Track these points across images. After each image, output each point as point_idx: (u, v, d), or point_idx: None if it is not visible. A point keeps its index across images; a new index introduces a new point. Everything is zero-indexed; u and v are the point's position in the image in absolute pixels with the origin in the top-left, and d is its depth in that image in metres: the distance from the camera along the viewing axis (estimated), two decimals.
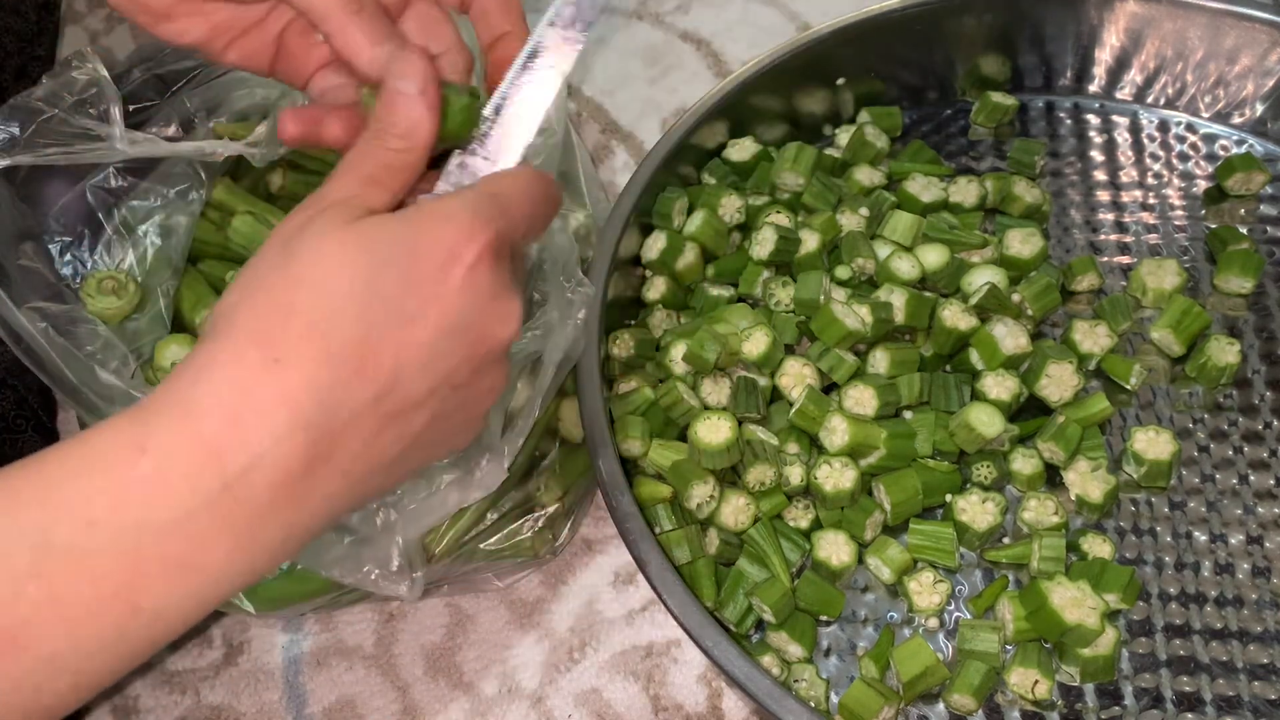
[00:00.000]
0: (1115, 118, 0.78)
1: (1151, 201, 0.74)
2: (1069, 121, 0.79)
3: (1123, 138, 0.77)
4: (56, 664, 0.34)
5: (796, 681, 0.57)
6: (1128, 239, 0.73)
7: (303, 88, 0.52)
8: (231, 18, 0.49)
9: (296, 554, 0.40)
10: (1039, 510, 0.61)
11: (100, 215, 0.69)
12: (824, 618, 0.60)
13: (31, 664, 0.34)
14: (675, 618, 0.54)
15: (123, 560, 0.34)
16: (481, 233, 0.40)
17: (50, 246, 0.68)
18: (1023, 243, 0.69)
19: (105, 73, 0.65)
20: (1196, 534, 0.61)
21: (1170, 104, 0.78)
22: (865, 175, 0.73)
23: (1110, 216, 0.74)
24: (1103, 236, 0.73)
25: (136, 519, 0.35)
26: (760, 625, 0.59)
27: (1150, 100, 0.78)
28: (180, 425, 0.36)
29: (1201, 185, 0.74)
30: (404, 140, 0.42)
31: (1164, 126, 0.77)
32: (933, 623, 0.59)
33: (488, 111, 0.46)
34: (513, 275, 0.43)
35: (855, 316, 0.64)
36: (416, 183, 0.44)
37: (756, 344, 0.64)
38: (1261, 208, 0.73)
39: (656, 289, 0.69)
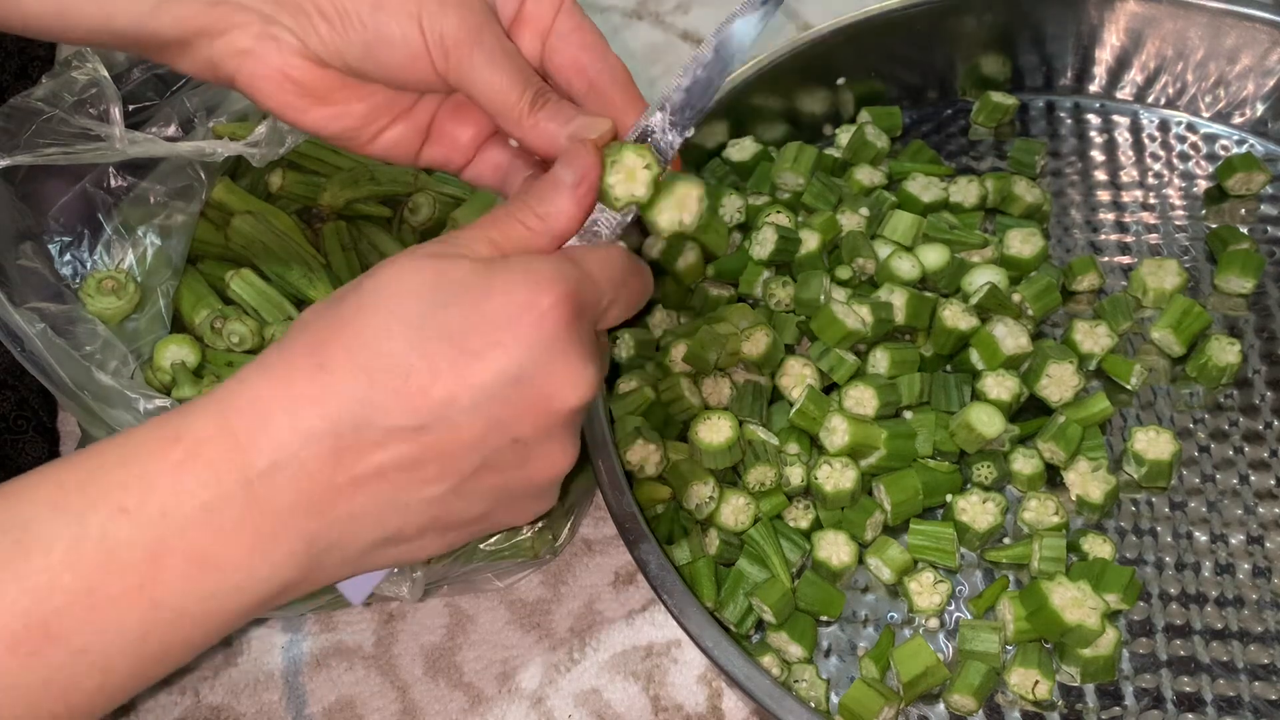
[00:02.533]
0: (1116, 117, 0.78)
1: (1152, 201, 0.74)
2: (1069, 121, 0.79)
3: (1123, 138, 0.77)
4: (87, 659, 0.35)
5: (796, 682, 0.57)
6: (1128, 239, 0.73)
7: (456, 173, 0.50)
8: (388, 101, 0.47)
9: (328, 577, 0.39)
10: (1039, 510, 0.61)
11: (100, 215, 0.69)
12: (824, 618, 0.59)
13: (63, 658, 0.34)
14: (675, 618, 0.54)
15: (146, 551, 0.35)
16: (559, 286, 0.39)
17: (50, 246, 0.68)
18: (1023, 243, 0.69)
19: (105, 73, 0.65)
20: (1197, 534, 0.61)
21: (1171, 104, 0.78)
22: (865, 175, 0.73)
23: (1110, 216, 0.74)
24: (1103, 236, 0.73)
25: (161, 508, 0.35)
26: (760, 625, 0.59)
27: (1151, 100, 0.78)
28: (213, 417, 0.36)
29: (1202, 185, 0.74)
30: (540, 222, 0.41)
31: (1164, 126, 0.77)
32: (933, 623, 0.59)
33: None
34: (592, 343, 0.41)
35: (855, 316, 0.64)
36: None
37: (756, 344, 0.64)
38: (1262, 208, 0.73)
39: (656, 288, 0.69)
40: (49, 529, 0.34)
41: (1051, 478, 0.63)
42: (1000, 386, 0.63)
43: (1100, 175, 0.76)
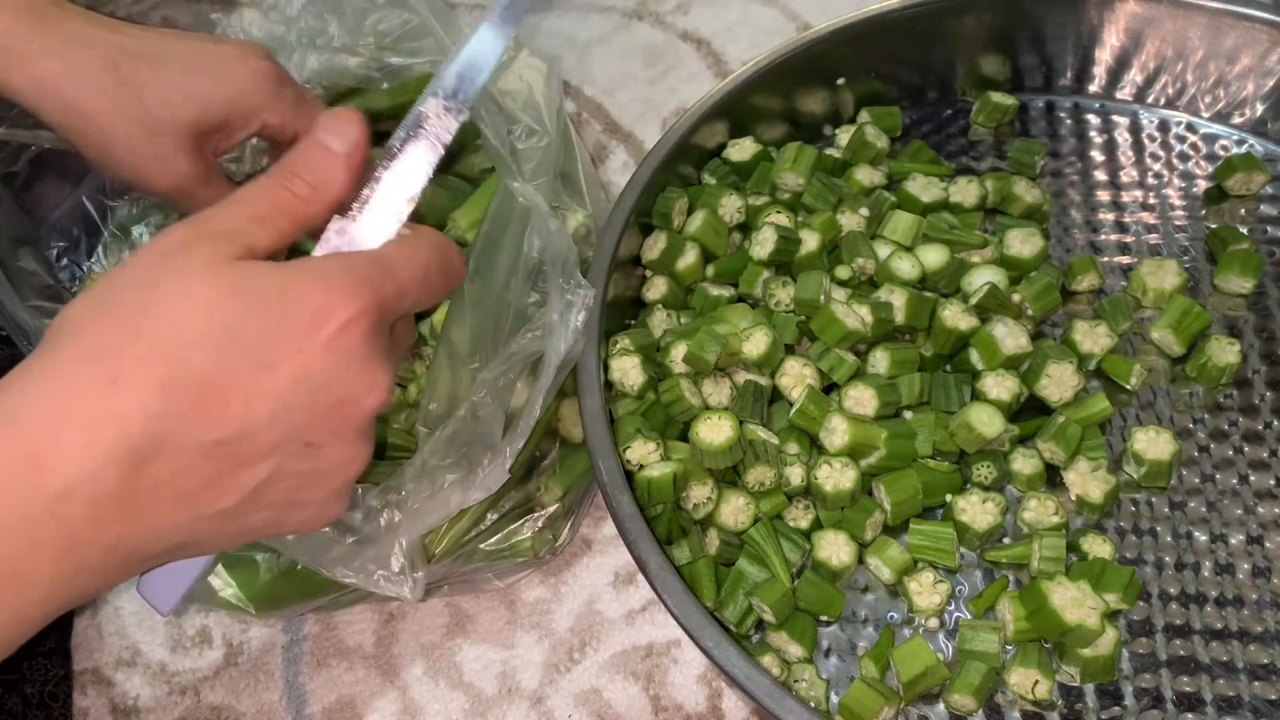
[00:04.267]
0: (1115, 118, 0.78)
1: (1152, 201, 0.74)
2: (1069, 121, 0.79)
3: (1123, 138, 0.77)
4: None
5: (796, 681, 0.57)
6: (1128, 239, 0.73)
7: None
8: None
9: (128, 576, 0.39)
10: (1039, 510, 0.61)
11: (96, 218, 0.69)
12: (824, 618, 0.60)
13: None
14: (675, 618, 0.54)
15: None
16: (359, 297, 0.39)
17: (48, 251, 0.68)
18: (1023, 243, 0.69)
19: None
20: (1197, 534, 0.61)
21: (1170, 104, 0.78)
22: (865, 175, 0.73)
23: (1110, 216, 0.74)
24: (1103, 236, 0.73)
25: None
26: (760, 625, 0.59)
27: (1150, 100, 0.78)
28: (2, 436, 0.35)
29: (1201, 185, 0.74)
30: (310, 190, 0.41)
31: (1164, 126, 0.77)
32: (933, 623, 0.59)
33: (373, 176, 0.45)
34: (390, 344, 0.41)
35: (855, 316, 0.64)
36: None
37: (756, 344, 0.64)
38: (1261, 208, 0.73)
39: (656, 289, 0.69)
40: None
41: (1051, 478, 0.63)
42: (1000, 386, 0.63)
43: (1100, 175, 0.76)
